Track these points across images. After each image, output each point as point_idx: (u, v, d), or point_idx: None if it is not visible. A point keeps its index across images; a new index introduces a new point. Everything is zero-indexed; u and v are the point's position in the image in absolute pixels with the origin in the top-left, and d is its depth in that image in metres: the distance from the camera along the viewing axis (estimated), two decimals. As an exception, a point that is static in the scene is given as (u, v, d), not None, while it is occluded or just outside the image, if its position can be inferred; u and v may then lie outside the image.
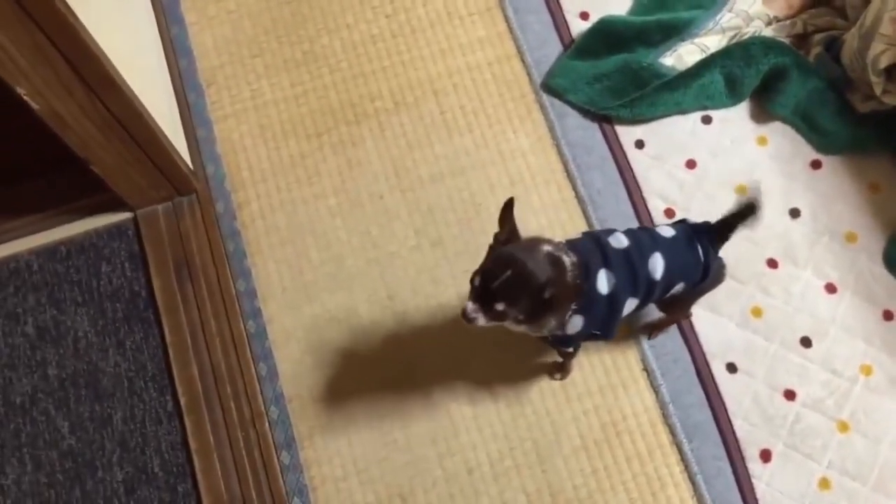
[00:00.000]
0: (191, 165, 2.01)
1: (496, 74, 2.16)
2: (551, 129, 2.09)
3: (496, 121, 2.11)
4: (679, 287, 1.56)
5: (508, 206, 1.44)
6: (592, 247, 1.48)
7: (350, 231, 2.00)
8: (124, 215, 2.01)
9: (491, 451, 1.81)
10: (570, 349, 1.68)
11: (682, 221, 1.61)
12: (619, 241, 1.50)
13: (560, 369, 1.85)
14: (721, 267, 1.62)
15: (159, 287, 1.94)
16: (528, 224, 1.98)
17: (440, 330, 1.91)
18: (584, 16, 2.20)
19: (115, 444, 1.83)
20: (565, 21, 2.19)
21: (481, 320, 1.39)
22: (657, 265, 1.49)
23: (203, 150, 2.08)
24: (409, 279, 1.95)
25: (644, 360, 1.86)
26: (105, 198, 1.95)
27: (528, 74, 2.15)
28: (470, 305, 1.39)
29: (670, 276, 1.51)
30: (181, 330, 1.91)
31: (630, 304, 1.52)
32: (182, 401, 1.85)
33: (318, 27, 2.22)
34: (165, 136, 1.82)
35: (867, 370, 1.83)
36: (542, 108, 2.11)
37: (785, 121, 2.06)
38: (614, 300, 1.48)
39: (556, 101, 2.11)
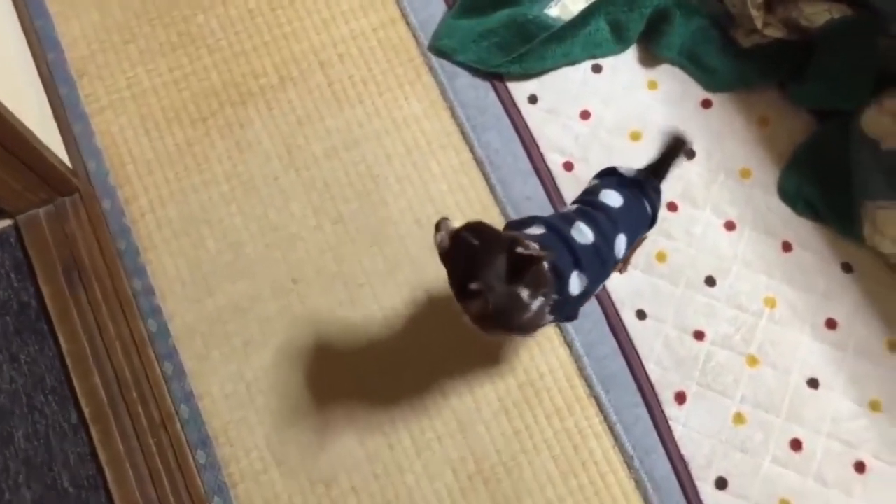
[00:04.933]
0: (69, 164, 1.91)
1: (382, 40, 2.10)
2: (443, 91, 2.04)
3: (386, 88, 2.05)
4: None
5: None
6: (560, 246, 1.42)
7: (246, 216, 1.93)
8: (4, 223, 1.90)
9: (411, 425, 1.78)
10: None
11: (613, 173, 1.59)
12: (585, 235, 1.45)
13: None
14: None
15: (49, 294, 1.85)
16: (428, 191, 1.96)
17: (349, 308, 1.87)
18: (466, -28, 2.15)
19: (19, 464, 1.74)
20: (450, -21, 2.15)
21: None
22: (621, 245, 1.49)
23: (81, 146, 1.97)
24: (312, 260, 1.90)
25: (556, 317, 1.86)
26: (-21, 207, 1.84)
27: (415, 37, 2.10)
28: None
29: (631, 243, 1.53)
30: (78, 337, 1.82)
31: (599, 287, 1.53)
32: (86, 411, 1.77)
33: (192, 6, 2.12)
34: (34, 135, 1.72)
35: (771, 303, 1.87)
36: (432, 70, 2.06)
37: (672, 62, 2.06)
38: (586, 295, 1.46)
39: (446, 63, 2.07)
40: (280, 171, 1.97)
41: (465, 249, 1.31)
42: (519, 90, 2.05)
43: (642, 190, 1.56)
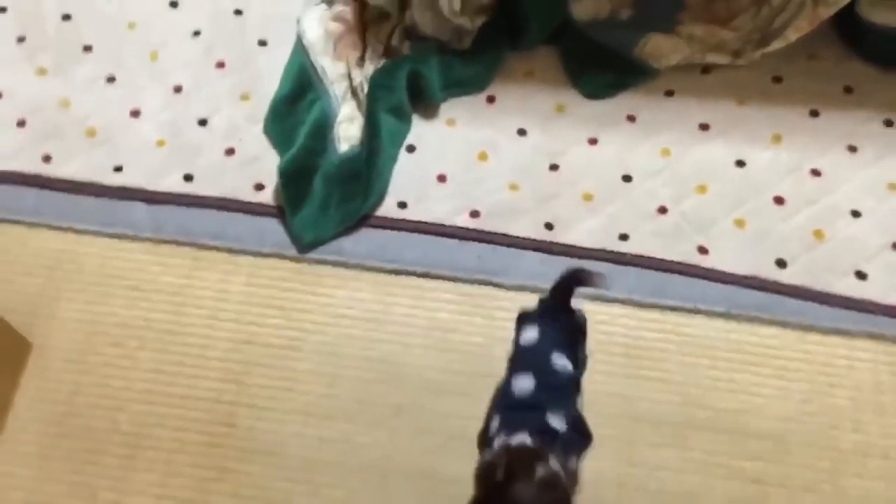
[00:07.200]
0: None
1: (263, 292, 2.16)
2: (348, 266, 2.17)
3: (316, 314, 2.12)
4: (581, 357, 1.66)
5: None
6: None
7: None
8: None
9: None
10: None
11: (521, 318, 1.68)
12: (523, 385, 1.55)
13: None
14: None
15: None
16: (415, 335, 2.08)
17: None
18: (260, 187, 2.29)
19: None
20: (257, 203, 2.28)
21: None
22: (560, 361, 1.57)
23: None
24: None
25: None
26: None
27: (284, 256, 2.20)
28: None
29: (573, 353, 1.61)
30: None
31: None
32: None
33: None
34: None
35: (666, 153, 2.28)
36: (324, 262, 2.18)
37: (448, 98, 2.40)
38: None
39: (324, 247, 2.20)
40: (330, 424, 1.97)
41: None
42: (386, 210, 2.24)
43: (553, 314, 1.65)
